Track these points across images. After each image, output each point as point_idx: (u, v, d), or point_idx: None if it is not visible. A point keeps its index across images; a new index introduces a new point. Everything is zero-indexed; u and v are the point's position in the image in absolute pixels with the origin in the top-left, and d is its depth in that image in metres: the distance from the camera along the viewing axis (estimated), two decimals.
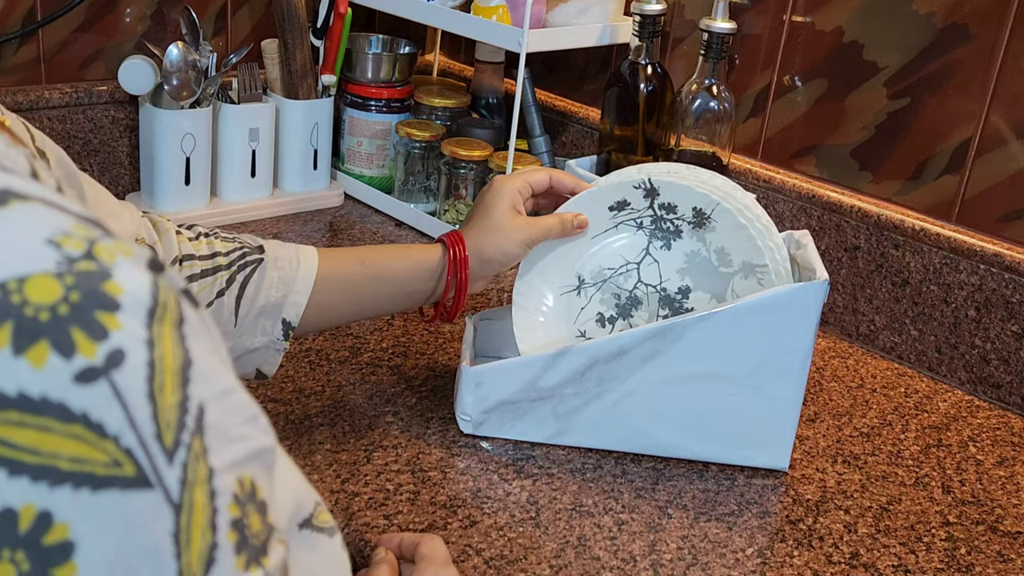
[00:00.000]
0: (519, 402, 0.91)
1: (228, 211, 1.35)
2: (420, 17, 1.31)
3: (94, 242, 0.36)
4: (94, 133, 1.34)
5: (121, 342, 0.35)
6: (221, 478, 0.38)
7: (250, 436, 0.40)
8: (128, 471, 0.35)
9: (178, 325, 0.37)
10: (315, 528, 0.50)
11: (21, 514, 0.34)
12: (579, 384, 0.90)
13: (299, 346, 1.05)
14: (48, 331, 0.34)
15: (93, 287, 0.35)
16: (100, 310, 0.35)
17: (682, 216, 0.92)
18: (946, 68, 1.09)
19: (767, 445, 0.92)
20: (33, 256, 0.35)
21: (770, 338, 0.88)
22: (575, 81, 1.47)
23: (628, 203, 0.93)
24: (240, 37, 1.45)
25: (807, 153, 1.22)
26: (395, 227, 1.40)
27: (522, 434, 0.93)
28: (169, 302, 0.37)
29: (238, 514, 0.39)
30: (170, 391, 0.36)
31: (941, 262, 1.11)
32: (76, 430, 0.34)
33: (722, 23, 1.15)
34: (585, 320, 0.95)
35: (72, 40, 1.31)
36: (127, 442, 0.35)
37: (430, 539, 0.72)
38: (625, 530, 0.84)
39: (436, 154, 1.39)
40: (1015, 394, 1.08)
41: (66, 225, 0.36)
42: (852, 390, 1.09)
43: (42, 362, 0.34)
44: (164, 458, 0.36)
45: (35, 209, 0.37)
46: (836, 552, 0.84)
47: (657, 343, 0.88)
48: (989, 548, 0.87)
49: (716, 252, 0.92)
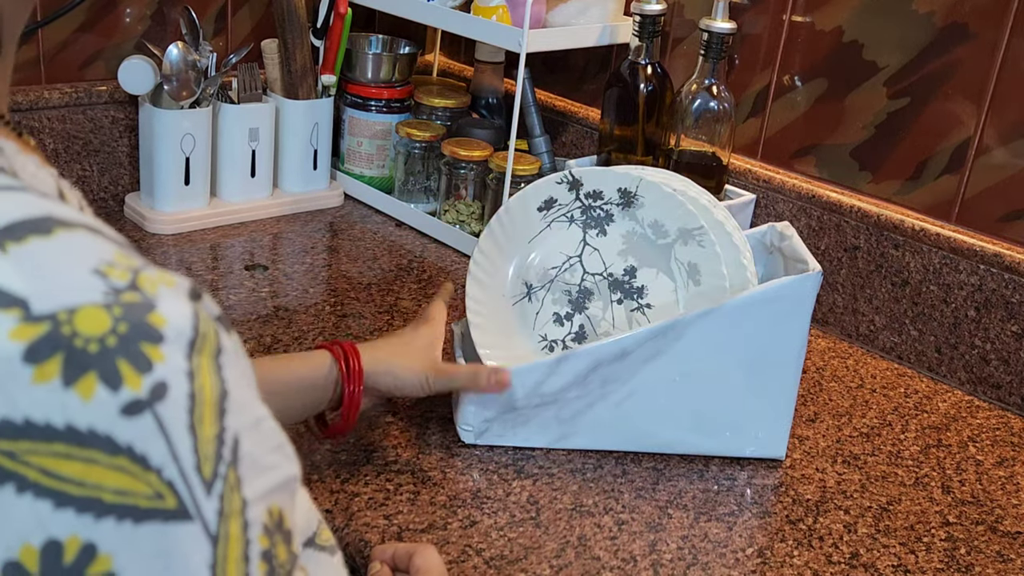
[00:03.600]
0: (522, 409, 0.91)
1: (228, 211, 1.35)
2: (420, 17, 1.31)
3: (138, 272, 0.37)
4: (94, 133, 1.34)
5: (164, 374, 0.35)
6: (253, 509, 0.38)
7: (278, 465, 0.41)
8: (170, 503, 0.35)
9: (216, 356, 0.37)
10: (318, 547, 0.50)
11: (66, 546, 0.34)
12: (582, 387, 0.90)
13: (299, 346, 1.05)
14: (96, 363, 0.34)
15: (139, 319, 0.35)
16: (146, 342, 0.35)
17: (609, 200, 0.94)
18: (946, 68, 1.09)
19: (765, 435, 0.93)
20: (82, 286, 0.35)
21: (768, 330, 0.88)
22: (575, 81, 1.47)
23: (555, 200, 0.95)
24: (240, 37, 1.45)
25: (807, 153, 1.22)
26: (395, 227, 1.40)
27: (525, 440, 0.92)
28: (209, 333, 0.37)
29: (267, 545, 0.39)
30: (209, 423, 0.37)
31: (941, 262, 1.11)
32: (121, 462, 0.34)
33: (722, 23, 1.15)
34: (543, 324, 0.96)
35: (72, 40, 1.31)
36: (169, 474, 0.35)
37: (424, 549, 0.71)
38: (625, 530, 0.84)
39: (436, 154, 1.39)
40: (1015, 394, 1.08)
41: (109, 254, 0.37)
42: (852, 390, 1.10)
43: (90, 394, 0.34)
44: (203, 490, 0.36)
45: (79, 237, 0.37)
46: (836, 552, 0.84)
47: (659, 342, 0.88)
48: (989, 548, 0.87)
49: (651, 226, 0.93)
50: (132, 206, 1.33)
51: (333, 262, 1.28)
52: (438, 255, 1.32)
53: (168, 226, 1.30)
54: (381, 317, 1.13)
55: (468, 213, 1.35)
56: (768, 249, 0.99)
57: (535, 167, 1.30)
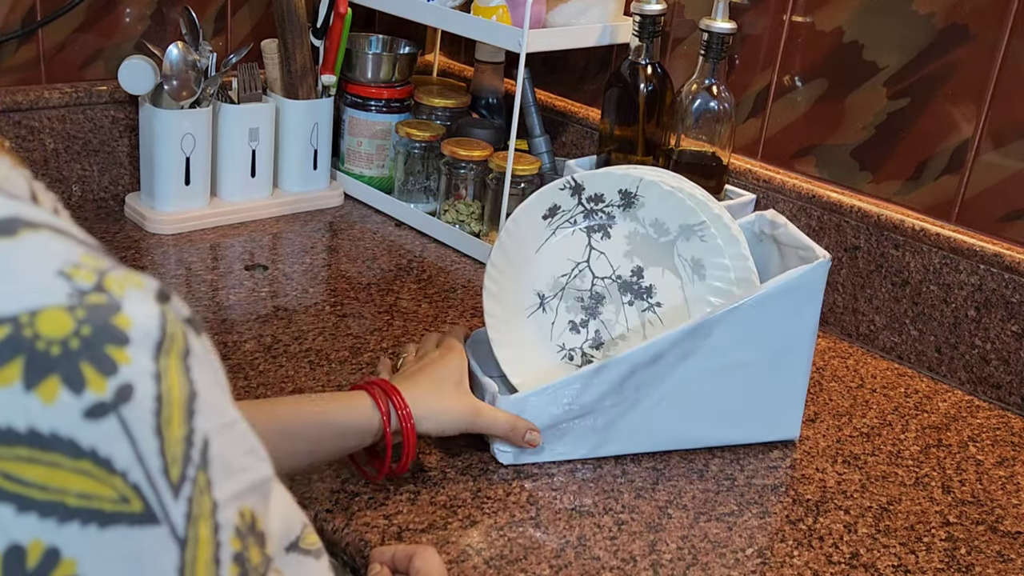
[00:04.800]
0: (560, 423, 0.90)
1: (228, 211, 1.35)
2: (420, 17, 1.31)
3: (104, 273, 0.36)
4: (94, 133, 1.34)
5: (130, 376, 0.35)
6: (224, 511, 0.38)
7: (251, 467, 0.40)
8: (136, 507, 0.35)
9: (184, 357, 0.37)
10: (302, 551, 0.49)
11: (29, 550, 0.34)
12: (618, 395, 0.89)
13: (299, 346, 1.05)
14: (59, 366, 0.34)
15: (104, 321, 0.35)
16: (110, 344, 0.35)
17: (610, 202, 0.94)
18: (946, 68, 1.09)
19: (781, 419, 0.96)
20: (45, 288, 0.35)
21: (786, 319, 0.91)
22: (575, 81, 1.47)
23: (558, 207, 0.94)
24: (240, 37, 1.45)
25: (807, 153, 1.22)
26: (395, 227, 1.39)
27: (563, 455, 0.91)
28: (176, 334, 0.37)
29: (239, 547, 0.38)
30: (177, 425, 0.36)
31: (941, 262, 1.11)
32: (85, 466, 0.34)
33: (722, 23, 1.15)
34: (559, 333, 0.96)
35: (72, 40, 1.31)
36: (135, 478, 0.35)
37: (424, 551, 0.71)
38: (625, 530, 0.84)
39: (436, 154, 1.39)
40: (1015, 394, 1.08)
41: (75, 256, 0.36)
42: (852, 390, 1.09)
43: (53, 398, 0.34)
44: (170, 493, 0.36)
45: (44, 238, 0.36)
46: (836, 552, 0.84)
47: (689, 342, 0.89)
48: (989, 548, 0.87)
49: (652, 225, 0.94)
50: (132, 206, 1.33)
51: (333, 262, 1.28)
52: (438, 255, 1.32)
53: (168, 226, 1.30)
54: (381, 317, 1.13)
55: (468, 213, 1.35)
56: (758, 237, 0.99)
57: (535, 167, 1.30)
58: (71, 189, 1.34)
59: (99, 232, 1.29)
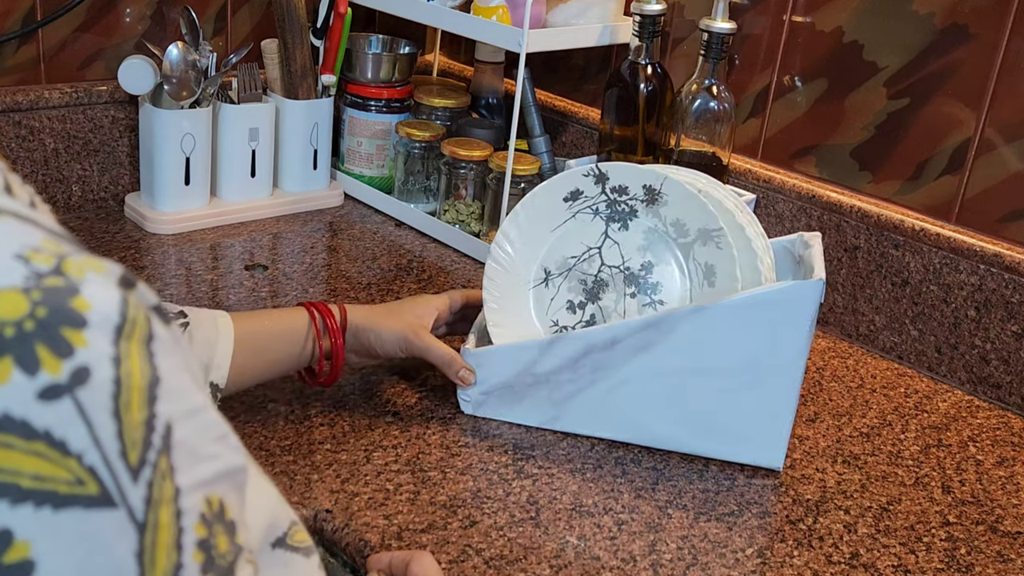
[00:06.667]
0: (516, 386, 0.94)
1: (228, 211, 1.35)
2: (420, 17, 1.31)
3: (63, 257, 0.36)
4: (94, 133, 1.34)
5: (87, 359, 0.35)
6: (188, 497, 0.38)
7: (220, 455, 0.40)
8: (91, 490, 0.35)
9: (147, 342, 0.37)
10: (289, 548, 0.49)
11: None
12: (574, 371, 0.92)
13: None
14: (12, 347, 0.33)
15: (60, 303, 0.35)
16: (66, 326, 0.34)
17: (634, 196, 0.95)
18: (946, 68, 1.09)
19: (762, 443, 0.92)
20: (0, 271, 0.34)
21: (763, 335, 0.88)
22: (575, 81, 1.47)
23: (581, 192, 0.96)
24: (240, 37, 1.45)
25: (807, 153, 1.22)
26: (395, 227, 1.39)
27: (519, 418, 0.96)
28: (138, 319, 0.37)
29: (205, 534, 0.38)
30: (136, 409, 0.36)
31: (941, 262, 1.11)
32: (38, 447, 0.34)
33: (722, 23, 1.15)
34: (556, 310, 0.98)
35: (72, 40, 1.31)
36: (90, 460, 0.35)
37: (421, 556, 0.71)
38: (625, 530, 0.84)
39: (436, 154, 1.39)
40: (1015, 394, 1.08)
41: (35, 240, 0.36)
42: (852, 390, 1.10)
43: (5, 379, 0.33)
44: (129, 477, 0.36)
45: (5, 223, 0.36)
46: (836, 552, 0.84)
47: (650, 334, 0.89)
48: (989, 548, 0.87)
49: (672, 224, 0.94)
50: (132, 206, 1.33)
51: (333, 262, 1.28)
52: (438, 255, 1.32)
53: (168, 226, 1.30)
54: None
55: (468, 213, 1.35)
56: (796, 259, 0.99)
57: (535, 167, 1.30)
58: (71, 189, 1.34)
59: (99, 232, 1.29)
